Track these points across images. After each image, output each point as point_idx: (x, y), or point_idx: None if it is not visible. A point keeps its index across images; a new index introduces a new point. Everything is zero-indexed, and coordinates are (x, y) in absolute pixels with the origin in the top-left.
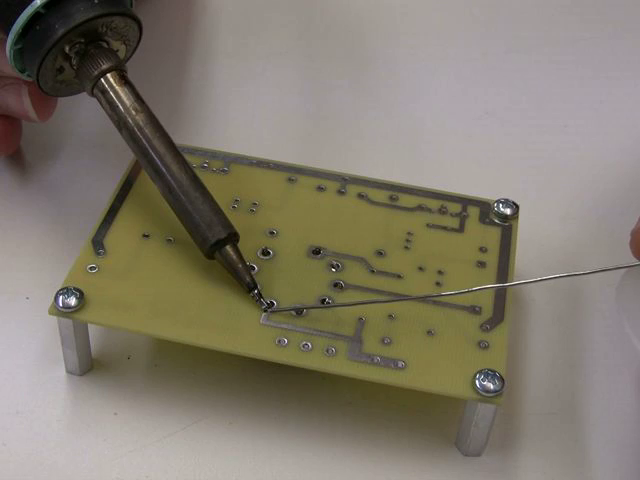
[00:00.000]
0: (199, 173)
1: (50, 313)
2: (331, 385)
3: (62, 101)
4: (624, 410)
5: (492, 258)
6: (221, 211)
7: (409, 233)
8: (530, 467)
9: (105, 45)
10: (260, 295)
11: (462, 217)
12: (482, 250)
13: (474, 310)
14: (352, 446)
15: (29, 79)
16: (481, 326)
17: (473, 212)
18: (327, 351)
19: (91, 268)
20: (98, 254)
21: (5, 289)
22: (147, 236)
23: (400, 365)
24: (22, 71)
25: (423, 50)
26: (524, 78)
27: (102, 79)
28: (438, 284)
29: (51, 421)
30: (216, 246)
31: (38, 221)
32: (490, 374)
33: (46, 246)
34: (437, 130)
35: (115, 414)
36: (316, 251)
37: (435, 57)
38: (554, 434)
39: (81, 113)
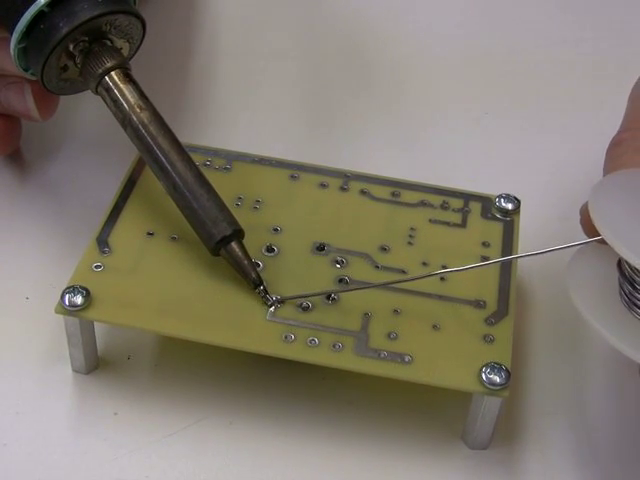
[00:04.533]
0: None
1: (57, 312)
2: (333, 384)
3: (62, 100)
4: (627, 404)
5: (495, 252)
6: (226, 208)
7: (412, 229)
8: (535, 460)
9: (109, 43)
10: (266, 291)
11: (464, 212)
12: (485, 245)
13: (479, 304)
14: (356, 444)
15: (33, 78)
16: (486, 320)
17: (475, 207)
18: (334, 346)
19: (96, 266)
20: (103, 252)
21: (5, 289)
22: (151, 234)
23: (407, 360)
24: (26, 70)
25: (424, 48)
26: (524, 78)
27: (106, 77)
28: (442, 279)
29: (51, 421)
30: (222, 243)
31: (38, 221)
32: (496, 367)
33: (46, 246)
34: (438, 127)
35: (115, 414)
36: (320, 247)
37: (436, 55)
38: (558, 427)
39: (80, 112)
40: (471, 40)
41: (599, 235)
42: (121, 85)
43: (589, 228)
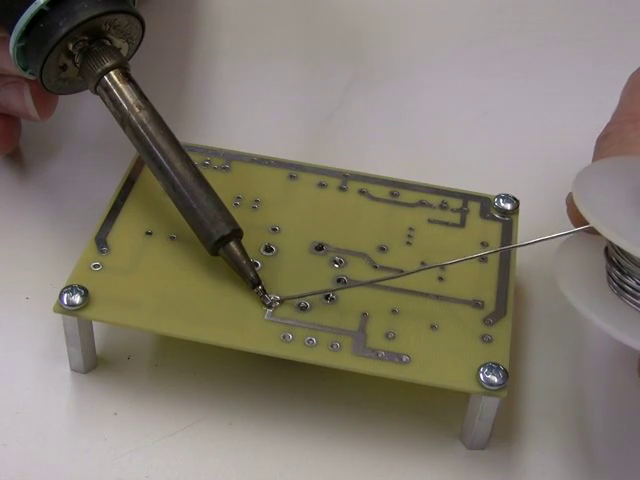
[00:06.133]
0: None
1: (55, 311)
2: (332, 384)
3: (61, 100)
4: (625, 404)
5: (493, 253)
6: (225, 207)
7: (410, 229)
8: (533, 459)
9: (108, 43)
10: (264, 291)
11: (463, 212)
12: (483, 245)
13: (477, 304)
14: (355, 444)
15: (32, 77)
16: (484, 320)
17: (474, 207)
18: (332, 346)
19: (95, 266)
20: (102, 252)
21: (5, 289)
22: (150, 233)
23: (404, 359)
24: (25, 69)
25: (423, 49)
26: (524, 78)
27: (105, 77)
28: (440, 279)
29: (51, 421)
30: (220, 242)
31: (37, 221)
32: (494, 367)
33: (46, 245)
34: (437, 127)
35: (115, 414)
36: (319, 247)
37: (436, 55)
38: (556, 427)
39: (80, 112)
40: (471, 40)
41: (585, 224)
42: (120, 85)
43: (575, 217)
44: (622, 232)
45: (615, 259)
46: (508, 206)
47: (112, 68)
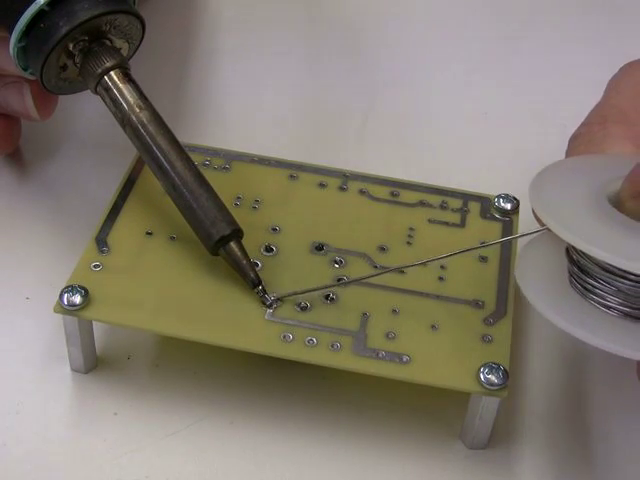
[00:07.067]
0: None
1: (55, 311)
2: (332, 384)
3: (61, 100)
4: (625, 404)
5: (493, 252)
6: (225, 208)
7: (411, 229)
8: (533, 459)
9: (108, 43)
10: (264, 291)
11: (463, 212)
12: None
13: (477, 304)
14: (355, 443)
15: (32, 77)
16: (484, 320)
17: (474, 207)
18: (332, 346)
19: (95, 266)
20: (102, 252)
21: (5, 289)
22: (150, 234)
23: (405, 359)
24: (25, 69)
25: (424, 48)
26: (524, 78)
27: (106, 77)
28: (441, 279)
29: (51, 421)
30: (220, 242)
31: (37, 221)
32: (494, 367)
33: (46, 245)
34: (437, 127)
35: (115, 414)
36: (319, 247)
37: (436, 55)
38: (556, 427)
39: (80, 112)
40: (471, 40)
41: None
42: (120, 85)
43: (538, 217)
44: (576, 231)
45: (575, 258)
46: (508, 206)
47: (112, 68)
